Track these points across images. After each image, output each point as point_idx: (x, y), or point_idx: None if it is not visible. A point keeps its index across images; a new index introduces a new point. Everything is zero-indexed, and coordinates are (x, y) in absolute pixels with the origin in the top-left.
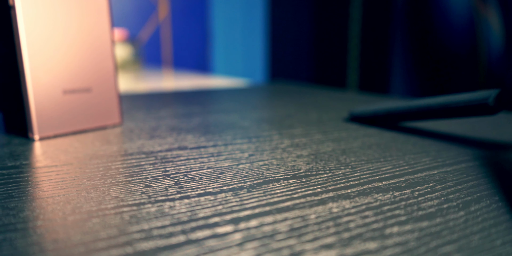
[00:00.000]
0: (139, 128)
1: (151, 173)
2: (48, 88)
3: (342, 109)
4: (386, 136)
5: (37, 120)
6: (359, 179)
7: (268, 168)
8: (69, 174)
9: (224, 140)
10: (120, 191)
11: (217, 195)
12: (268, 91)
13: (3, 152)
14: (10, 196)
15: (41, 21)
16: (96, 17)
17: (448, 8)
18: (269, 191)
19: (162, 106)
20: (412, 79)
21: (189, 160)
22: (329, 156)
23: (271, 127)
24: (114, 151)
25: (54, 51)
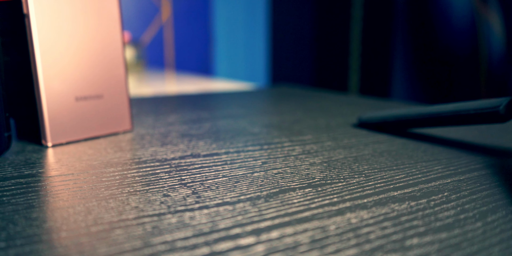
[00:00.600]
0: (149, 135)
1: (168, 181)
2: (61, 96)
3: (349, 114)
4: (396, 143)
5: (50, 127)
6: (374, 188)
7: (282, 177)
8: (86, 182)
9: (235, 147)
10: (139, 200)
11: (236, 205)
12: (273, 94)
13: (18, 159)
14: (31, 206)
15: (55, 29)
16: (108, 25)
17: (449, 11)
18: (286, 201)
19: (170, 111)
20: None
21: (204, 168)
22: (342, 164)
23: (281, 134)
24: (128, 158)
25: (67, 59)
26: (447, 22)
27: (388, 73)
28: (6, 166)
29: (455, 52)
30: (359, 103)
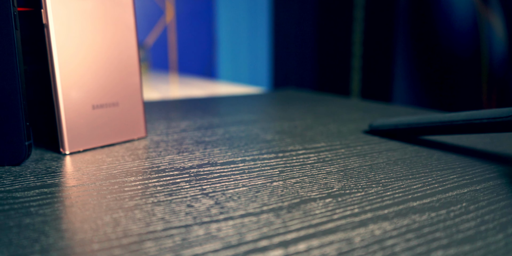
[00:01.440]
0: (164, 141)
1: (189, 191)
2: (79, 104)
3: (358, 120)
4: (409, 151)
5: (68, 135)
6: (392, 198)
7: (301, 186)
8: (109, 192)
9: (251, 155)
10: (164, 211)
11: (260, 216)
12: (280, 98)
13: (39, 168)
14: (59, 217)
15: (73, 38)
16: (123, 33)
17: (451, 14)
18: (309, 212)
19: (181, 116)
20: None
21: (222, 177)
22: (358, 173)
23: (294, 141)
24: (146, 167)
25: (84, 68)
26: (449, 25)
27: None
28: (28, 175)
29: (457, 55)
30: (368, 108)
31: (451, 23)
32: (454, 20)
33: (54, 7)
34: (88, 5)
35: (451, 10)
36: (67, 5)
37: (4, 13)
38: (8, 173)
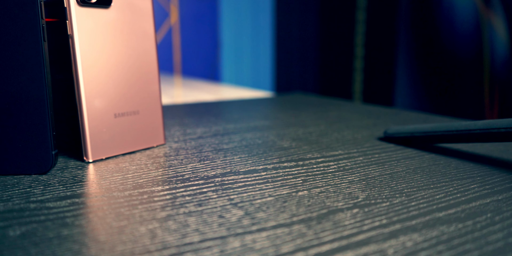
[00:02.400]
0: (183, 149)
1: (218, 201)
2: (102, 113)
3: (371, 126)
4: (426, 159)
5: (91, 143)
6: (418, 209)
7: (327, 196)
8: (140, 203)
9: (272, 164)
10: (197, 222)
11: (291, 227)
12: (289, 103)
13: (65, 177)
14: (96, 228)
15: (96, 48)
16: (143, 42)
17: (453, 16)
18: (338, 223)
19: (195, 122)
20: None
21: (247, 186)
22: (380, 182)
23: (311, 148)
24: (171, 176)
25: (107, 77)
26: (451, 27)
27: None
28: (56, 184)
29: (459, 58)
30: (379, 114)
31: (453, 26)
32: (456, 23)
33: (79, 19)
34: (110, 16)
35: (453, 12)
36: (91, 16)
37: (33, 25)
38: (37, 182)
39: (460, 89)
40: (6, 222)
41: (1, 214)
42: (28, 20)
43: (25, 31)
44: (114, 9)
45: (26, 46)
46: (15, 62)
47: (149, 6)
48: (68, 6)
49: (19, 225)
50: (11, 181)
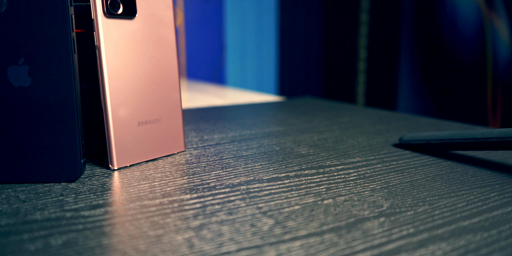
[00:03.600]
0: (204, 156)
1: (247, 210)
2: (126, 121)
3: (384, 132)
4: (444, 166)
5: (116, 151)
6: (442, 217)
7: (352, 205)
8: (172, 211)
9: (293, 171)
10: (230, 231)
11: (323, 236)
12: (300, 108)
13: (94, 184)
14: (135, 237)
15: (121, 58)
16: (165, 52)
17: (456, 19)
18: (367, 232)
19: (211, 127)
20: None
21: (273, 194)
22: (401, 190)
23: (329, 155)
24: (197, 184)
25: (131, 86)
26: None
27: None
28: (87, 192)
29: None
30: (390, 120)
31: (456, 28)
32: (459, 25)
33: (105, 30)
34: (135, 26)
35: (456, 15)
36: (117, 27)
37: (64, 37)
38: (67, 190)
39: (462, 92)
40: (46, 231)
41: (40, 223)
42: (59, 32)
43: (56, 43)
44: (138, 20)
45: (57, 58)
46: (47, 73)
47: (171, 15)
48: (96, 18)
49: (59, 234)
50: (42, 189)
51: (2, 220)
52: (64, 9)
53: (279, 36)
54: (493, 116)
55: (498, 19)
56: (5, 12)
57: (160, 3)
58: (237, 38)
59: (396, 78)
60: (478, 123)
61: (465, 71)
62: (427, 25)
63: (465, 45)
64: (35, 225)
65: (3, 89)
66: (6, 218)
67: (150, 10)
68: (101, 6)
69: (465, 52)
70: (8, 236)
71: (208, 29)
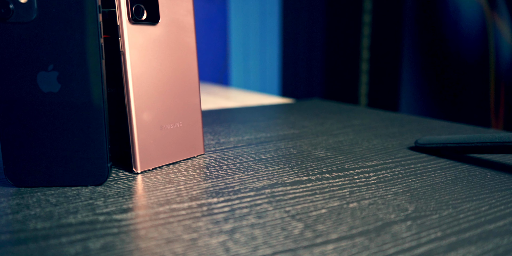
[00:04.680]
0: (223, 159)
1: (275, 214)
2: (149, 125)
3: (397, 134)
4: (462, 170)
5: (140, 155)
6: (467, 221)
7: (377, 208)
8: (202, 215)
9: (314, 174)
10: (263, 234)
11: (354, 240)
12: (310, 110)
13: (121, 188)
14: (171, 240)
15: (144, 63)
16: (186, 57)
17: (459, 20)
18: (396, 236)
19: (225, 130)
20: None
21: (298, 198)
22: (424, 194)
23: (347, 158)
24: (222, 187)
25: (154, 91)
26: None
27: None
28: (115, 196)
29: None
30: (401, 122)
31: (458, 29)
32: (461, 26)
33: (130, 36)
34: (157, 32)
35: (459, 16)
36: (141, 33)
37: (93, 44)
38: (96, 193)
39: (464, 93)
40: (83, 234)
41: (75, 227)
42: (88, 38)
43: (85, 49)
44: (160, 25)
45: (86, 64)
46: (76, 78)
47: (191, 21)
48: (121, 24)
49: (97, 238)
50: (70, 192)
51: (38, 224)
52: (93, 16)
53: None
54: (496, 117)
55: (500, 20)
56: (36, 19)
57: (181, 9)
58: (240, 40)
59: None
60: (480, 124)
61: (468, 71)
62: (430, 26)
63: (468, 46)
64: (70, 229)
65: (33, 94)
66: (41, 221)
67: (172, 16)
68: (126, 12)
69: (468, 53)
70: (47, 240)
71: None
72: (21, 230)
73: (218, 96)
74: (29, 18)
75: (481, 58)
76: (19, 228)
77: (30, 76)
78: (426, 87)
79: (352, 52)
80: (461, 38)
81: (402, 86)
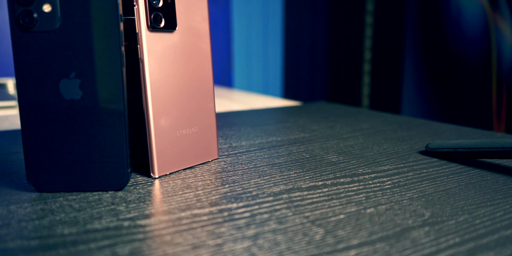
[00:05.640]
0: (238, 163)
1: (295, 219)
2: (167, 130)
3: (407, 138)
4: (474, 175)
5: (157, 160)
6: (484, 227)
7: (394, 214)
8: (224, 220)
9: (328, 179)
10: (285, 240)
11: (375, 246)
12: (317, 113)
13: (141, 193)
14: (197, 246)
15: (162, 70)
16: (201, 63)
17: (461, 21)
18: (416, 241)
19: (236, 134)
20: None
21: (315, 203)
22: (438, 199)
23: (360, 163)
24: (240, 192)
25: (171, 97)
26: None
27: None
28: (137, 201)
29: (466, 63)
30: (409, 126)
31: (461, 30)
32: (463, 28)
33: (149, 43)
34: (175, 39)
35: (461, 17)
36: (159, 40)
37: (114, 52)
38: (117, 199)
39: (466, 95)
40: (110, 240)
41: (101, 232)
42: (110, 47)
43: (107, 57)
44: (177, 32)
45: (108, 71)
46: (98, 86)
47: (207, 28)
48: (140, 32)
49: (124, 244)
50: (92, 197)
51: (65, 229)
52: (115, 24)
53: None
54: (498, 119)
55: (502, 22)
56: (59, 28)
57: (197, 16)
58: (244, 42)
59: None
60: (482, 126)
61: (469, 73)
62: (431, 27)
63: (470, 47)
64: (97, 234)
65: (55, 101)
66: (67, 227)
67: (188, 23)
68: (145, 20)
69: (470, 54)
70: (76, 246)
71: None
72: (49, 235)
73: (224, 98)
74: (52, 27)
75: (483, 60)
76: (47, 234)
77: (53, 84)
78: (428, 88)
79: (355, 53)
80: (463, 39)
81: (404, 87)
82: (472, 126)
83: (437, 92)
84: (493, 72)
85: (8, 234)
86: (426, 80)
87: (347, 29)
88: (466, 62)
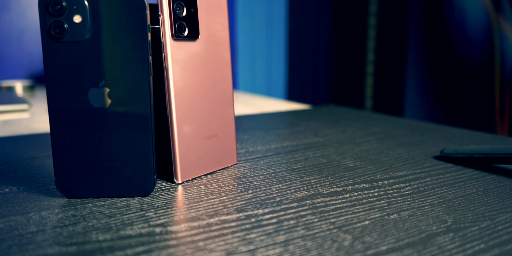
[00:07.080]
0: (257, 169)
1: (322, 225)
2: (189, 137)
3: (420, 143)
4: (490, 180)
5: (180, 166)
6: (507, 233)
7: (418, 220)
8: (252, 227)
9: (348, 185)
10: (315, 246)
11: (403, 252)
12: (328, 117)
13: (167, 199)
14: (230, 252)
15: (185, 77)
16: (222, 69)
17: (464, 23)
18: (442, 248)
19: (252, 139)
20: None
21: (339, 209)
22: (459, 205)
23: (377, 169)
24: (263, 198)
25: (194, 104)
26: (461, 33)
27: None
28: (164, 207)
29: (469, 65)
30: (421, 130)
31: (464, 32)
32: (467, 29)
33: (173, 51)
34: (197, 47)
35: (464, 19)
36: (182, 48)
37: (143, 61)
38: (145, 205)
39: (469, 97)
40: (145, 246)
41: (135, 238)
42: (138, 56)
43: (135, 66)
44: (200, 41)
45: (136, 80)
46: (126, 94)
47: (227, 36)
48: (165, 41)
49: (159, 250)
50: (120, 203)
51: (99, 236)
52: (144, 35)
53: (288, 40)
54: (501, 122)
55: (506, 23)
56: (89, 39)
57: (217, 24)
58: (247, 43)
59: (404, 81)
60: (485, 128)
61: (472, 74)
62: (435, 29)
63: (473, 49)
64: (132, 241)
65: (84, 109)
66: (101, 233)
67: (209, 31)
68: (169, 29)
69: (473, 56)
70: (113, 252)
71: None
72: (85, 242)
73: None
74: (83, 37)
75: (486, 61)
76: (83, 240)
77: (82, 92)
78: (431, 89)
79: (358, 55)
80: (466, 41)
81: (407, 89)
82: (474, 129)
83: (440, 92)
84: (496, 74)
85: (45, 240)
86: (429, 82)
87: (350, 30)
88: (469, 64)
